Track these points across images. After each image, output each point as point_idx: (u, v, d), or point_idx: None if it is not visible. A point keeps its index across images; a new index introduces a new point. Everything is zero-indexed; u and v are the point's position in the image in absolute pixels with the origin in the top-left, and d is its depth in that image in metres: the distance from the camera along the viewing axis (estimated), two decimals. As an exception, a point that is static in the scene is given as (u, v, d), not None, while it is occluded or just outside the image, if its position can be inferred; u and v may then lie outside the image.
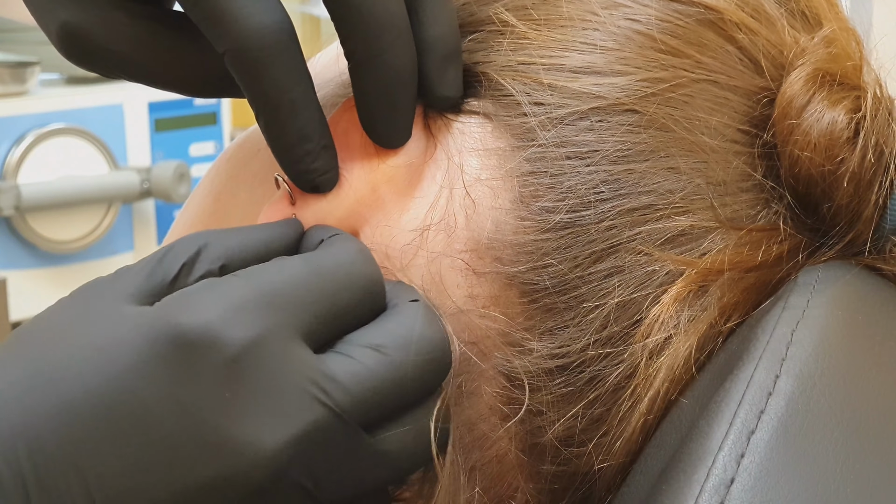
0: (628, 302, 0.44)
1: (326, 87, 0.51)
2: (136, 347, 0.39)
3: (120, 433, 0.38)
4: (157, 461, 0.38)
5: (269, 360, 0.39)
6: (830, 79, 0.46)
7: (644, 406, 0.43)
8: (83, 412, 0.38)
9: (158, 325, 0.39)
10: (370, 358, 0.41)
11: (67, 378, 0.39)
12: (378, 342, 0.42)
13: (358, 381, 0.41)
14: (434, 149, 0.47)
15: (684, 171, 0.45)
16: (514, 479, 0.46)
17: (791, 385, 0.39)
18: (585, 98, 0.46)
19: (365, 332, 0.42)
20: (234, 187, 0.53)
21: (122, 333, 0.39)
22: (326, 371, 0.40)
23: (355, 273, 0.43)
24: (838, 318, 0.42)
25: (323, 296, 0.42)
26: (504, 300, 0.45)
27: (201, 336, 0.39)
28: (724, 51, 0.47)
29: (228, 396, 0.39)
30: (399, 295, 0.44)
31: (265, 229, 0.45)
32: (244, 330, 0.39)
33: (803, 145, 0.45)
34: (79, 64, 0.47)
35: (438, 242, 0.46)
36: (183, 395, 0.38)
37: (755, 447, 0.38)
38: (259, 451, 0.39)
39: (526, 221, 0.45)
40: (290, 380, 0.40)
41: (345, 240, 0.44)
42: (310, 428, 0.40)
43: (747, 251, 0.45)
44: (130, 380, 0.38)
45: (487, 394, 0.45)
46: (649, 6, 0.47)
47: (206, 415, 0.39)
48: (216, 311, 0.39)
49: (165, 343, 0.39)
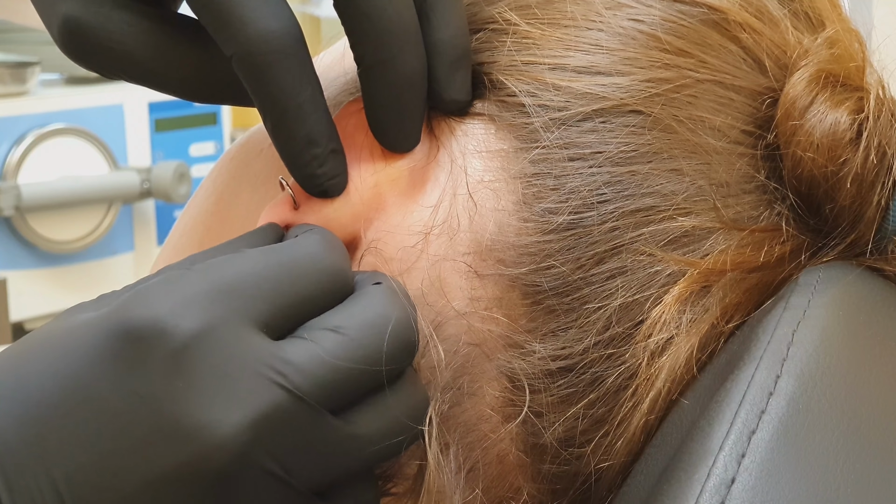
0: (631, 303, 0.44)
1: (331, 87, 0.50)
2: (90, 343, 0.40)
3: (81, 428, 0.39)
4: (120, 453, 0.39)
5: (220, 348, 0.40)
6: (833, 80, 0.46)
7: (645, 406, 0.43)
8: (45, 410, 0.39)
9: (111, 321, 0.40)
10: (328, 340, 0.41)
11: (28, 379, 0.39)
12: (336, 324, 0.42)
13: (317, 363, 0.40)
14: (437, 150, 0.47)
15: (687, 172, 0.45)
16: (514, 479, 0.46)
17: (792, 385, 0.39)
18: (589, 99, 0.46)
19: (325, 316, 0.42)
20: (236, 188, 0.53)
21: (78, 333, 0.40)
22: (282, 355, 0.40)
23: (318, 262, 0.43)
24: (839, 319, 0.42)
25: (280, 285, 0.42)
26: (506, 302, 0.45)
27: (150, 328, 0.39)
28: (728, 51, 0.47)
29: (181, 385, 0.39)
30: (364, 281, 0.44)
31: (245, 239, 0.45)
32: (192, 320, 0.40)
33: (806, 146, 0.45)
34: (79, 61, 0.47)
35: (441, 245, 0.46)
36: (137, 387, 0.39)
37: (756, 447, 0.38)
38: (215, 434, 0.39)
39: (529, 223, 0.45)
40: (242, 365, 0.40)
41: (312, 232, 0.44)
42: (268, 410, 0.40)
43: (750, 252, 0.45)
44: (86, 375, 0.39)
45: (489, 394, 0.45)
46: (653, 6, 0.47)
47: (161, 404, 0.39)
48: (167, 305, 0.40)
49: (116, 337, 0.39)
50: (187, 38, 0.46)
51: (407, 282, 0.45)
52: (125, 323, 0.40)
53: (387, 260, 0.46)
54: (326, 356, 0.41)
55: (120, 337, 0.39)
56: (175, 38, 0.46)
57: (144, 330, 0.39)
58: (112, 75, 0.47)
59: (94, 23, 0.45)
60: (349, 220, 0.46)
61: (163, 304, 0.40)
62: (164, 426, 0.39)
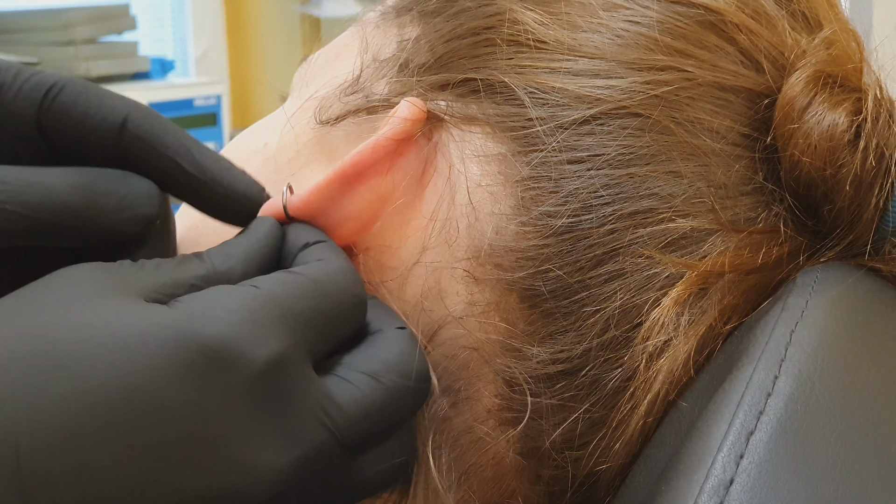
0: (629, 306, 0.44)
1: (326, 85, 0.51)
2: (159, 347, 0.38)
3: (133, 428, 0.37)
4: (166, 462, 0.38)
5: (288, 381, 0.40)
6: (831, 81, 0.45)
7: (643, 409, 0.43)
8: (96, 402, 0.37)
9: (182, 329, 0.39)
10: (369, 386, 0.42)
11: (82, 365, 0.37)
12: (374, 370, 0.42)
13: (359, 408, 0.41)
14: (435, 155, 0.47)
15: (686, 174, 0.45)
16: (511, 482, 0.46)
17: (790, 386, 0.39)
18: (587, 101, 0.45)
19: (359, 356, 0.43)
20: None
21: (143, 329, 0.38)
22: (331, 396, 0.41)
23: (347, 291, 0.43)
24: (837, 319, 0.42)
25: (322, 314, 0.42)
26: (504, 306, 0.45)
27: (228, 349, 0.39)
28: (725, 52, 0.47)
29: (246, 412, 0.39)
30: (383, 319, 0.44)
31: (253, 232, 0.45)
32: (268, 348, 0.39)
33: (804, 148, 0.45)
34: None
35: (439, 250, 0.46)
36: (207, 404, 0.38)
37: (754, 448, 0.38)
38: (267, 471, 0.39)
39: (527, 227, 0.45)
40: (302, 401, 0.40)
41: (334, 253, 0.44)
42: (314, 451, 0.40)
43: (748, 253, 0.45)
44: (151, 379, 0.38)
45: (486, 398, 0.45)
46: (650, 8, 0.47)
47: (226, 427, 0.38)
48: (245, 326, 0.39)
49: (191, 349, 0.38)
50: None
51: (405, 286, 0.45)
52: (199, 335, 0.38)
53: (385, 265, 0.46)
54: (364, 402, 0.41)
55: (195, 349, 0.38)
56: None
57: (222, 350, 0.38)
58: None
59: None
60: (352, 226, 0.46)
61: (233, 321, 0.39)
62: (220, 448, 0.38)
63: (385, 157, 0.46)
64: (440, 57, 0.48)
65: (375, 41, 0.50)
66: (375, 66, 0.49)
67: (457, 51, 0.48)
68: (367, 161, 0.46)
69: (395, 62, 0.49)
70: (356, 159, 0.46)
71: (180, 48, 2.64)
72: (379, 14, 0.52)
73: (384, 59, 0.49)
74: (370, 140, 0.46)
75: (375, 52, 0.50)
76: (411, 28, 0.50)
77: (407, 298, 0.46)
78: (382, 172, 0.46)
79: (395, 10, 0.51)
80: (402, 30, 0.50)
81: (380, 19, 0.51)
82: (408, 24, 0.50)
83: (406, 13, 0.50)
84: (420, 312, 0.45)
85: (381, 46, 0.50)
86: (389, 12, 0.51)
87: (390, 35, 0.50)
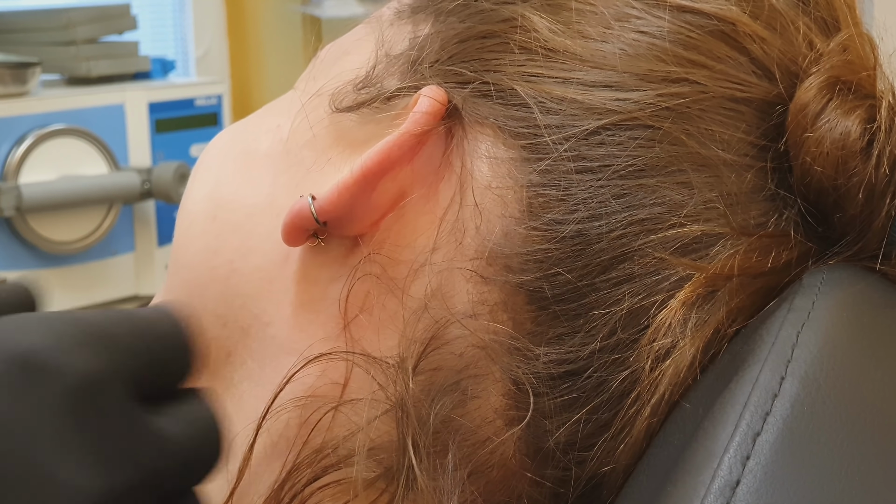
0: (637, 309, 0.44)
1: (337, 80, 0.50)
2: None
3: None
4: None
5: (105, 401, 0.36)
6: (845, 87, 0.45)
7: (648, 410, 0.43)
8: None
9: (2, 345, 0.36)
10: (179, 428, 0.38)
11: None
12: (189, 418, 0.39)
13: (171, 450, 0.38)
14: (449, 154, 0.47)
15: (696, 185, 0.45)
16: (517, 482, 0.46)
17: (796, 387, 0.39)
18: (598, 112, 0.45)
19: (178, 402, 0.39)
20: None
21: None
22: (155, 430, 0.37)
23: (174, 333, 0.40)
24: (843, 320, 0.42)
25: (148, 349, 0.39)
26: (512, 306, 0.45)
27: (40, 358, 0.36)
28: (738, 63, 0.46)
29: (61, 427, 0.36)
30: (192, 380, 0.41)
31: None
32: (84, 363, 0.36)
33: (815, 156, 0.44)
34: None
35: (448, 249, 0.46)
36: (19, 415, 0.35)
37: (760, 449, 0.38)
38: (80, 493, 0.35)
39: (535, 232, 0.45)
40: (119, 428, 0.37)
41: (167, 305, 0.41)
42: (125, 484, 0.36)
43: (757, 257, 0.44)
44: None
45: (492, 398, 0.45)
46: (662, 18, 0.46)
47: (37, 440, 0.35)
48: (54, 335, 0.37)
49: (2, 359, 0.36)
50: None
51: (414, 282, 0.45)
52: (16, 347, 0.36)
53: (394, 263, 0.46)
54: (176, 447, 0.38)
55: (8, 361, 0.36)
56: None
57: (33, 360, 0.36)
58: None
59: None
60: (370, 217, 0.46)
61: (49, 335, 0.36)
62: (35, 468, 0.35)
63: (409, 150, 0.46)
64: (452, 56, 0.48)
65: (390, 38, 0.50)
66: (388, 60, 0.49)
67: (469, 52, 0.48)
68: (395, 157, 0.46)
69: (407, 57, 0.49)
70: (382, 156, 0.46)
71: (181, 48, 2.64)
72: (394, 12, 0.52)
73: (397, 55, 0.49)
74: (394, 135, 0.46)
75: (389, 48, 0.50)
76: (425, 26, 0.50)
77: (414, 294, 0.46)
78: (405, 163, 0.46)
79: (410, 8, 0.51)
80: (416, 27, 0.50)
81: (394, 17, 0.51)
82: (422, 22, 0.50)
83: (421, 11, 0.50)
84: (427, 309, 0.45)
85: (395, 43, 0.50)
86: (405, 10, 0.51)
87: (405, 32, 0.50)
